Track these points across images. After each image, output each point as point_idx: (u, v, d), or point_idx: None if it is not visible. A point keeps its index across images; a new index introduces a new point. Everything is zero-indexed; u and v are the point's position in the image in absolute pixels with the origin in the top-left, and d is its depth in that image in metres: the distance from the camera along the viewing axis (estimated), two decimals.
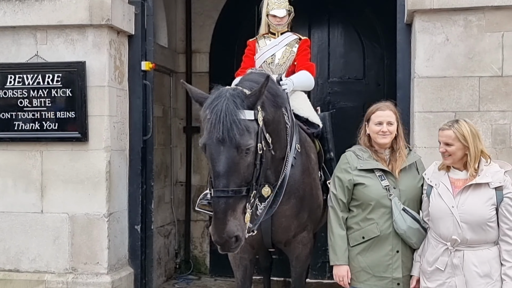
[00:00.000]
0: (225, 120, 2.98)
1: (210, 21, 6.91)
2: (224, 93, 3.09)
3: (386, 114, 3.44)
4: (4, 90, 4.82)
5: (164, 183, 6.61)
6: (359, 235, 3.42)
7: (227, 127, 2.98)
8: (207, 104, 3.08)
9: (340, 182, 3.45)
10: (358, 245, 3.42)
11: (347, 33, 6.71)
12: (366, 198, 3.39)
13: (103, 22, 4.69)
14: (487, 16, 4.31)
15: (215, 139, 2.98)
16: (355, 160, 3.46)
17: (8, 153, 4.87)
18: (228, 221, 2.99)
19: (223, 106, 3.01)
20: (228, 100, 3.03)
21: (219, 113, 2.99)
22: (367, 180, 3.40)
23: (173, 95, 6.86)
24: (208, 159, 3.07)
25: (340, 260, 3.43)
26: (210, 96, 3.14)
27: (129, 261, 5.10)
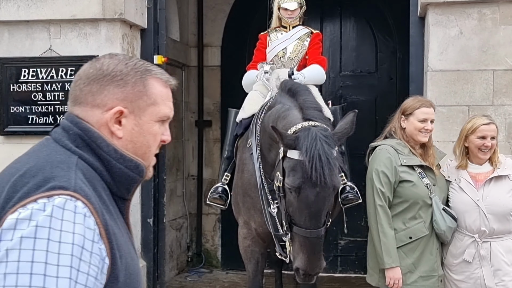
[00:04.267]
0: (328, 165, 2.97)
1: (222, 14, 6.91)
2: (317, 135, 3.04)
3: (431, 112, 3.35)
4: (18, 84, 4.85)
5: (176, 176, 6.63)
6: (405, 235, 3.29)
7: (327, 172, 2.98)
8: (306, 148, 3.02)
9: (386, 178, 3.27)
10: (404, 246, 3.29)
11: (359, 26, 6.68)
12: (413, 197, 3.27)
13: (116, 16, 4.70)
14: (501, 9, 4.28)
15: (319, 184, 2.98)
16: (396, 155, 3.31)
17: (22, 147, 4.84)
18: (321, 255, 3.10)
19: (324, 149, 2.99)
20: (326, 143, 3.01)
21: (322, 158, 2.97)
22: (413, 177, 3.28)
23: (185, 89, 6.88)
24: (301, 200, 3.06)
25: (395, 262, 3.27)
26: (301, 138, 3.08)
27: (141, 254, 5.12)
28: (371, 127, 6.54)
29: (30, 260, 1.10)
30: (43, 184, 1.18)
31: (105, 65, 1.36)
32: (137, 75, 1.36)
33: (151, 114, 1.37)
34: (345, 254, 6.54)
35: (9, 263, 1.10)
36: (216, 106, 6.96)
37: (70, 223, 1.15)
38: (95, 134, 1.32)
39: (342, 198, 4.24)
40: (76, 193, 1.19)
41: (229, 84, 6.65)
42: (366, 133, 6.45)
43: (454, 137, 4.32)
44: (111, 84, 1.34)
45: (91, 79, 1.35)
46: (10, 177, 1.24)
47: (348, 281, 6.32)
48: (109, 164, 1.32)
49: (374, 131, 6.53)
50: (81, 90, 1.35)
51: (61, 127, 1.36)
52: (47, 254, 1.11)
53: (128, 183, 1.36)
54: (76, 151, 1.30)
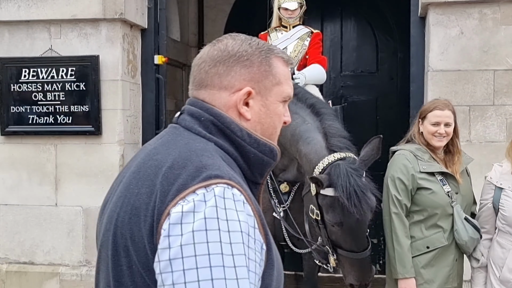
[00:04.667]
0: (362, 199, 3.01)
1: (222, 14, 6.91)
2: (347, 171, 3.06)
3: (445, 114, 3.11)
4: (18, 84, 4.84)
5: None
6: (423, 244, 3.13)
7: (365, 204, 3.02)
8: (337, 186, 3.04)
9: (403, 185, 3.09)
10: (420, 255, 3.13)
11: (360, 26, 6.68)
12: (432, 205, 3.09)
13: (117, 16, 4.70)
14: (502, 8, 4.27)
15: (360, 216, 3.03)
16: (415, 161, 3.12)
17: (22, 147, 4.90)
18: (371, 266, 3.24)
19: (354, 186, 3.01)
20: (356, 177, 3.04)
21: (359, 194, 3.01)
22: (432, 185, 3.10)
23: (186, 89, 6.82)
24: (345, 232, 3.13)
25: (409, 273, 3.10)
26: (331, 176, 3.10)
27: None
28: (371, 127, 6.54)
29: (207, 253, 1.09)
30: (197, 174, 1.16)
31: (230, 46, 1.32)
32: (262, 54, 1.32)
33: (276, 94, 1.33)
34: None
35: (185, 259, 1.09)
36: None
37: (234, 211, 1.13)
38: (227, 119, 1.28)
39: None
40: (231, 181, 1.17)
41: None
42: (366, 133, 6.46)
43: None
44: (237, 64, 1.30)
45: (217, 60, 1.32)
46: (156, 169, 1.21)
47: None
48: (243, 149, 1.29)
49: (374, 131, 6.53)
50: (206, 73, 1.32)
51: (188, 114, 1.32)
52: (221, 245, 1.09)
53: (262, 168, 1.32)
54: (211, 138, 1.27)
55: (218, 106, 1.30)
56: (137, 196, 1.20)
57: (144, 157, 1.29)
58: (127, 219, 1.19)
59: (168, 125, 1.37)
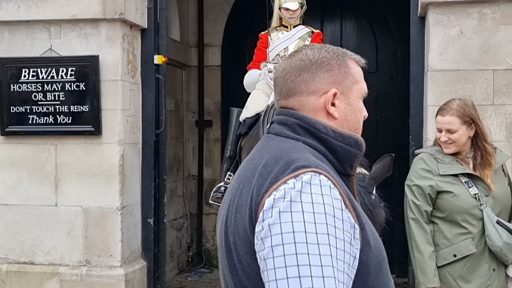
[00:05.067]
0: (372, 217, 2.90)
1: (222, 14, 6.91)
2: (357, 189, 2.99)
3: (444, 121, 2.96)
4: (18, 84, 4.84)
5: (176, 176, 6.63)
6: (449, 252, 2.93)
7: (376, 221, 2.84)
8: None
9: (420, 190, 2.95)
10: (448, 265, 2.93)
11: (360, 26, 6.68)
12: (455, 209, 2.91)
13: (116, 16, 4.70)
14: (502, 8, 4.27)
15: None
16: (434, 164, 2.96)
17: (22, 147, 4.90)
18: None
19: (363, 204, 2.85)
20: (365, 195, 2.91)
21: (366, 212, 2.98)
22: (454, 187, 2.91)
23: (186, 89, 6.88)
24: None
25: (431, 282, 2.92)
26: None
27: (142, 254, 5.13)
28: (371, 127, 6.54)
29: (291, 231, 1.20)
30: (287, 168, 1.29)
31: (309, 54, 1.45)
32: (339, 58, 1.45)
33: (356, 92, 1.46)
34: None
35: (273, 237, 1.21)
36: (216, 106, 6.96)
37: (319, 195, 1.25)
38: (311, 119, 1.41)
39: None
40: (317, 169, 1.29)
41: (230, 84, 6.65)
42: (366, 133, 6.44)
43: None
44: (320, 70, 1.43)
45: (301, 69, 1.43)
46: (253, 171, 1.36)
47: None
48: (330, 144, 1.40)
49: (374, 131, 6.55)
50: (293, 82, 1.43)
51: (277, 122, 1.46)
52: (304, 224, 1.21)
53: (350, 159, 1.43)
54: (299, 138, 1.40)
55: (307, 110, 1.43)
56: (239, 196, 1.35)
57: (243, 165, 1.46)
58: (234, 218, 1.33)
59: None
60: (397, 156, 6.62)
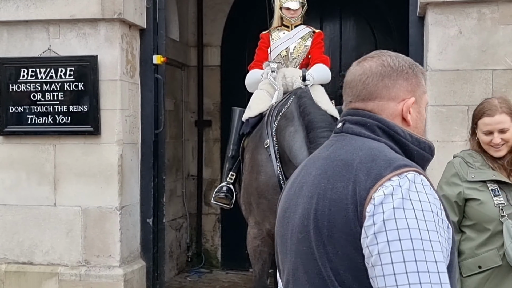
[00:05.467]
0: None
1: (222, 14, 6.91)
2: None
3: (495, 121, 2.68)
4: (17, 84, 4.84)
5: (176, 176, 6.63)
6: (474, 263, 2.70)
7: None
8: None
9: (446, 199, 2.68)
10: (473, 276, 2.70)
11: (359, 26, 6.68)
12: (481, 218, 2.69)
13: (115, 16, 4.70)
14: (501, 8, 4.27)
15: None
16: (465, 169, 2.74)
17: (21, 147, 4.90)
18: None
19: None
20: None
21: None
22: (481, 194, 2.69)
23: (185, 89, 6.87)
24: None
25: None
26: None
27: (141, 254, 5.13)
28: None
29: (406, 227, 1.27)
30: (389, 165, 1.35)
31: (390, 62, 1.50)
32: (413, 68, 1.51)
33: (424, 101, 1.53)
34: None
35: (388, 232, 1.27)
36: (216, 106, 6.96)
37: (424, 194, 1.32)
38: (390, 122, 1.46)
39: None
40: (417, 169, 1.37)
41: (229, 84, 6.65)
42: None
43: (453, 137, 4.32)
44: (400, 78, 1.48)
45: (383, 75, 1.48)
46: (346, 167, 1.40)
47: None
48: (407, 148, 1.46)
49: None
50: (375, 86, 1.48)
51: (352, 123, 1.49)
52: (417, 221, 1.28)
53: (423, 163, 1.49)
54: (380, 139, 1.45)
55: (385, 115, 1.48)
56: (332, 190, 1.38)
57: (324, 162, 1.47)
58: (328, 211, 1.37)
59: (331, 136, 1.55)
60: None
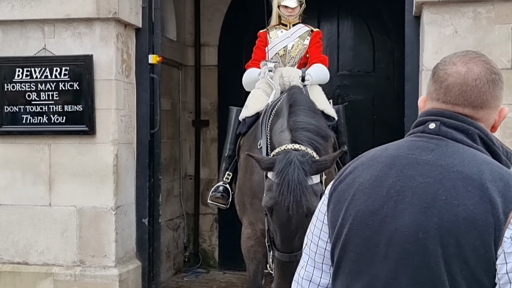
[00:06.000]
0: (295, 192, 2.98)
1: (219, 14, 6.90)
2: (293, 160, 3.07)
3: None
4: (12, 83, 4.83)
5: (173, 176, 6.61)
6: None
7: (297, 198, 2.98)
8: (277, 171, 3.06)
9: None
10: None
11: (357, 25, 6.66)
12: None
13: (110, 16, 4.68)
14: (496, 8, 4.25)
15: (285, 207, 2.99)
16: None
17: (16, 146, 4.89)
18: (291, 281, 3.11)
19: (294, 175, 3.00)
20: (298, 169, 3.02)
21: (289, 183, 2.99)
22: None
23: (182, 89, 6.86)
24: (274, 222, 3.11)
25: None
26: (278, 161, 3.11)
27: (136, 254, 5.11)
28: (368, 126, 6.53)
29: None
30: None
31: (495, 68, 1.52)
32: (499, 78, 1.53)
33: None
34: None
35: None
36: (213, 105, 6.94)
37: None
38: (488, 132, 1.49)
39: None
40: None
41: (226, 84, 6.64)
42: (363, 132, 6.45)
43: None
44: (498, 87, 1.50)
45: (495, 84, 1.50)
46: (472, 182, 1.37)
47: None
48: (498, 158, 1.47)
49: (371, 131, 6.53)
50: (489, 94, 1.48)
51: (452, 128, 1.47)
52: None
53: None
54: (478, 148, 1.46)
55: (488, 123, 1.51)
56: (459, 207, 1.35)
57: (433, 169, 1.42)
58: (456, 230, 1.34)
59: (420, 137, 1.51)
60: None
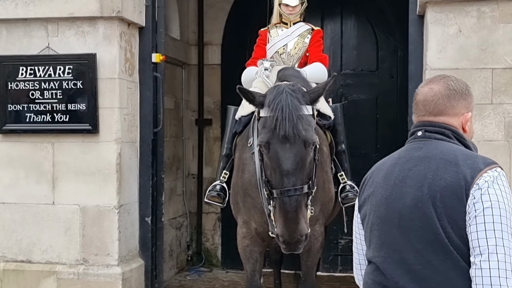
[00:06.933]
0: (291, 116, 2.94)
1: (222, 13, 6.89)
2: (284, 89, 3.05)
3: None
4: (16, 82, 4.84)
5: (176, 175, 6.62)
6: None
7: (293, 122, 2.94)
8: (269, 101, 3.02)
9: None
10: None
11: (360, 24, 6.65)
12: None
13: (114, 14, 4.68)
14: (500, 7, 4.23)
15: (281, 136, 2.94)
16: None
17: (20, 145, 4.90)
18: (299, 219, 2.96)
19: (288, 101, 2.97)
20: (291, 96, 3.00)
21: (284, 109, 2.95)
22: None
23: (185, 88, 6.86)
24: (272, 157, 3.01)
25: None
26: (268, 93, 3.09)
27: (139, 253, 5.12)
28: (372, 125, 6.52)
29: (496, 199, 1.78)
30: (483, 162, 1.85)
31: (453, 85, 1.99)
32: (467, 89, 2.02)
33: (472, 114, 2.03)
34: (345, 254, 6.50)
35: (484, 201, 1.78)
36: (216, 104, 6.94)
37: (507, 183, 1.84)
38: (459, 131, 1.99)
39: (342, 197, 4.21)
40: (499, 166, 1.87)
41: (230, 83, 6.59)
42: (367, 131, 6.44)
43: None
44: (461, 98, 1.99)
45: (450, 97, 1.97)
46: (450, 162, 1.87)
47: (348, 281, 6.29)
48: (469, 148, 1.98)
49: (375, 130, 6.52)
50: (445, 106, 1.98)
51: (434, 132, 1.98)
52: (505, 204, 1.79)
53: None
54: (455, 142, 1.96)
55: (455, 126, 1.99)
56: (441, 180, 1.85)
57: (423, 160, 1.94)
58: (439, 195, 1.83)
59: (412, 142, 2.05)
60: None
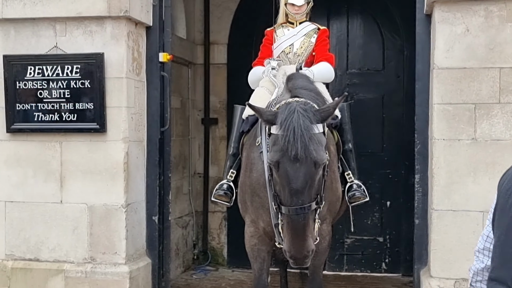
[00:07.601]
0: (302, 137, 2.95)
1: (228, 12, 6.90)
2: (296, 109, 3.05)
3: None
4: (24, 81, 4.86)
5: (182, 174, 6.63)
6: None
7: (305, 144, 2.95)
8: (281, 121, 3.04)
9: None
10: None
11: (367, 23, 6.64)
12: None
13: (121, 14, 4.70)
14: (508, 6, 4.23)
15: (292, 157, 2.95)
16: None
17: (28, 144, 4.92)
18: (307, 237, 2.99)
19: (300, 122, 2.98)
20: (303, 116, 3.01)
21: (296, 130, 2.96)
22: None
23: (192, 87, 6.87)
24: (281, 176, 3.04)
25: None
26: (280, 112, 3.10)
27: (146, 252, 5.14)
28: (378, 125, 6.52)
29: None
30: None
31: None
32: None
33: None
34: (351, 253, 6.52)
35: None
36: (222, 104, 6.95)
37: None
38: None
39: (349, 196, 4.22)
40: None
41: (236, 82, 6.63)
42: (373, 131, 6.44)
43: (460, 135, 4.30)
44: None
45: None
46: None
47: (354, 280, 6.30)
48: None
49: (381, 129, 6.52)
50: None
51: None
52: None
53: None
54: None
55: None
56: None
57: None
58: None
59: None
60: (403, 154, 6.60)
